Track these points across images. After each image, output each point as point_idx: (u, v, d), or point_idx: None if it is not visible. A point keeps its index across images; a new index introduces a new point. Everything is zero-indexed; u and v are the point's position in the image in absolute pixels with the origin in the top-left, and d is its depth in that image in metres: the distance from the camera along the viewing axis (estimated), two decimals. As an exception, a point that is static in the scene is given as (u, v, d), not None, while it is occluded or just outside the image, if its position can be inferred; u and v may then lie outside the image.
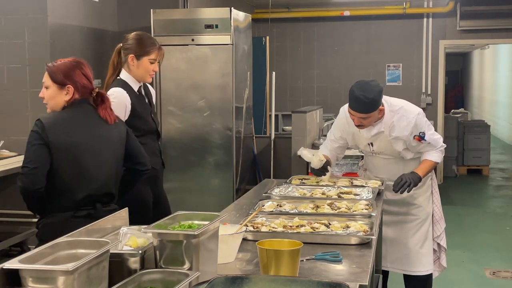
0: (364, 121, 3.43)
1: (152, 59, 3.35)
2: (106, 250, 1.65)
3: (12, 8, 5.29)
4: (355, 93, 3.35)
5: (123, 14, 6.38)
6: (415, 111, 3.55)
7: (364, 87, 3.37)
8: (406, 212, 3.75)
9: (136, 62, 3.33)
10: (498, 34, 8.97)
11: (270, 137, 6.92)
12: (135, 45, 3.34)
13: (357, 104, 3.37)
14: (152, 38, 3.43)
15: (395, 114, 3.50)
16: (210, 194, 5.79)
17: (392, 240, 3.77)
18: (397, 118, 3.50)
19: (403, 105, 3.56)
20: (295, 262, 1.97)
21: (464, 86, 21.29)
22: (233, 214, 2.98)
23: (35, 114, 5.32)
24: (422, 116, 3.56)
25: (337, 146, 3.80)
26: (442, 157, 3.69)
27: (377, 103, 3.37)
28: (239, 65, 5.88)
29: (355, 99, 3.36)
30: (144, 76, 3.38)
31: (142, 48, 3.33)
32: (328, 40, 9.40)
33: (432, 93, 9.14)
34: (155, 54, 3.36)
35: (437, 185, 3.87)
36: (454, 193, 8.57)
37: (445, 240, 3.88)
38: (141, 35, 3.40)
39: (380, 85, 3.42)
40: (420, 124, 3.53)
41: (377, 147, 3.64)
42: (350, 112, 3.45)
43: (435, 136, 3.62)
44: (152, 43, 3.38)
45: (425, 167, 3.61)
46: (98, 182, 2.71)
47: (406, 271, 3.80)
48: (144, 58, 3.33)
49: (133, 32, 3.44)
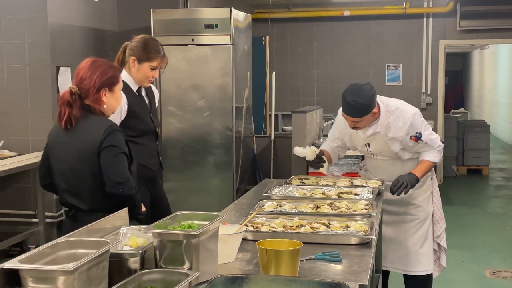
0: (358, 124, 3.45)
1: (153, 66, 3.31)
2: (106, 250, 1.65)
3: (12, 8, 5.29)
4: (347, 98, 3.36)
5: (123, 14, 6.38)
6: (411, 112, 3.54)
7: (356, 91, 3.36)
8: (405, 212, 3.75)
9: (136, 65, 3.30)
10: (498, 34, 8.97)
11: (270, 137, 6.92)
12: (139, 48, 3.31)
13: (349, 109, 3.38)
14: (158, 45, 3.36)
15: (391, 114, 3.50)
16: (210, 194, 5.79)
17: (391, 239, 3.77)
18: (393, 119, 3.50)
19: (399, 105, 3.56)
20: (295, 262, 1.97)
21: (464, 86, 21.29)
22: (233, 214, 2.98)
23: (35, 114, 5.33)
24: (418, 116, 3.56)
25: (336, 145, 3.83)
26: (441, 157, 3.68)
27: (368, 108, 3.37)
28: (239, 65, 5.88)
29: (347, 104, 3.37)
30: (142, 81, 3.35)
31: (145, 53, 3.30)
32: (328, 40, 9.40)
33: (432, 93, 9.14)
34: (157, 62, 3.32)
35: (437, 185, 3.87)
36: (454, 193, 8.57)
37: (445, 240, 3.88)
38: (148, 39, 3.36)
39: (373, 89, 3.40)
40: (416, 124, 3.53)
41: (374, 148, 3.64)
42: (344, 115, 3.47)
43: (432, 136, 3.61)
44: (156, 50, 3.33)
45: (422, 168, 3.61)
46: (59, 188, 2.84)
47: (405, 271, 3.80)
48: (145, 63, 3.30)
49: (141, 35, 3.40)
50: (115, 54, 3.46)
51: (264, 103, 7.56)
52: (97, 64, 2.76)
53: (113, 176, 2.67)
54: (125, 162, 2.73)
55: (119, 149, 2.70)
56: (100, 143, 2.67)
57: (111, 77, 2.77)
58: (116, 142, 2.70)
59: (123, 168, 2.70)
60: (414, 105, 3.71)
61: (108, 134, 2.69)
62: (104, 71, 2.75)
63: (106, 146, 2.67)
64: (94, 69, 2.73)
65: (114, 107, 2.85)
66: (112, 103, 2.81)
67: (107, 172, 2.67)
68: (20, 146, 5.32)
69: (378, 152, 3.68)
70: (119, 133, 2.74)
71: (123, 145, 2.73)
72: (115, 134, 2.71)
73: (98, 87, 2.72)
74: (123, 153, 2.72)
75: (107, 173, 2.67)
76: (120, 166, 2.69)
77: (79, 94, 2.71)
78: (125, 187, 2.67)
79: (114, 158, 2.68)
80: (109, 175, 2.67)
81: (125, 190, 2.68)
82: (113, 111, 2.87)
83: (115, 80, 2.79)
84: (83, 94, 2.72)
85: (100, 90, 2.73)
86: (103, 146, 2.67)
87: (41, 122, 5.30)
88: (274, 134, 6.95)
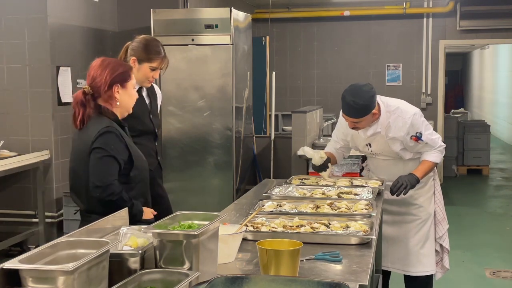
0: (357, 124, 3.46)
1: (153, 67, 3.31)
2: (106, 250, 1.65)
3: (12, 8, 5.29)
4: (346, 99, 3.36)
5: (123, 14, 6.38)
6: (411, 111, 3.54)
7: (356, 92, 3.36)
8: (406, 212, 3.74)
9: (137, 65, 3.30)
10: (498, 34, 8.97)
11: (270, 137, 6.92)
12: (140, 49, 3.31)
13: (348, 110, 3.38)
14: (159, 46, 3.36)
15: (391, 114, 3.50)
16: (210, 194, 5.79)
17: (392, 239, 3.77)
18: (393, 119, 3.50)
19: (400, 105, 3.55)
20: (295, 262, 1.97)
21: (464, 86, 21.29)
22: (233, 214, 2.98)
23: (35, 114, 5.33)
24: (419, 116, 3.55)
25: (340, 146, 3.84)
26: (442, 157, 3.68)
27: (368, 108, 3.37)
28: (239, 65, 5.88)
29: (346, 104, 3.38)
30: (142, 81, 3.35)
31: (145, 54, 3.30)
32: (328, 40, 9.40)
33: (432, 93, 9.14)
34: (158, 63, 3.32)
35: (439, 186, 3.87)
36: (454, 193, 8.57)
37: (448, 242, 3.87)
38: (149, 40, 3.36)
39: (373, 90, 3.40)
40: (417, 124, 3.53)
41: (375, 148, 3.64)
42: (343, 115, 3.48)
43: (433, 136, 3.61)
44: (157, 51, 3.33)
45: (423, 168, 3.61)
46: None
47: (406, 271, 3.79)
48: (145, 64, 3.30)
49: (143, 35, 3.40)
50: (115, 54, 3.46)
51: (264, 103, 7.56)
52: (107, 62, 2.77)
53: (93, 179, 2.65)
54: (111, 166, 2.67)
55: (106, 152, 2.66)
56: (91, 144, 2.67)
57: (122, 73, 2.76)
58: (104, 145, 2.65)
59: (105, 172, 2.66)
60: (414, 105, 3.70)
61: (99, 135, 2.66)
62: (114, 68, 2.75)
63: (94, 148, 2.66)
64: (105, 67, 2.73)
65: (129, 105, 2.83)
66: (126, 100, 2.79)
67: (90, 174, 2.66)
68: (20, 146, 5.31)
69: (379, 152, 3.67)
70: (112, 135, 2.69)
71: (112, 148, 2.67)
72: (106, 136, 2.66)
73: (110, 83, 2.71)
74: (110, 156, 2.66)
75: (90, 175, 2.66)
76: (102, 170, 2.65)
77: (92, 93, 2.72)
78: (104, 192, 2.64)
79: (98, 161, 2.65)
80: (91, 178, 2.66)
81: (103, 194, 2.64)
82: (128, 110, 2.85)
83: (126, 76, 2.78)
84: (96, 93, 2.72)
85: (112, 86, 2.72)
86: (92, 148, 2.67)
87: (41, 122, 5.30)
88: (274, 134, 6.95)
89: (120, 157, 2.69)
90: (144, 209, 2.80)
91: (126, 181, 2.74)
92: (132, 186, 2.78)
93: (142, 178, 2.85)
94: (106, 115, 2.74)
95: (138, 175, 2.80)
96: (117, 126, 2.75)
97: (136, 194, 2.79)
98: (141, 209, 2.76)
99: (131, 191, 2.75)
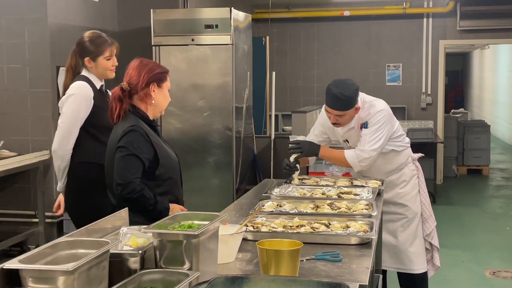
0: (340, 119, 3.49)
1: (107, 56, 3.37)
2: (106, 250, 1.65)
3: (12, 8, 5.30)
4: (332, 91, 3.42)
5: (123, 14, 6.38)
6: (379, 107, 3.54)
7: (341, 85, 3.44)
8: (392, 211, 3.76)
9: (93, 63, 3.36)
10: (498, 34, 8.97)
11: (270, 137, 6.92)
12: (87, 48, 3.36)
13: (334, 102, 3.44)
14: (101, 36, 3.42)
15: (364, 109, 3.55)
16: (210, 194, 5.79)
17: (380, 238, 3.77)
18: (364, 113, 3.55)
19: (373, 101, 3.58)
20: (295, 262, 1.97)
21: (464, 86, 21.29)
22: (233, 214, 2.98)
23: (35, 114, 5.33)
24: (383, 116, 3.51)
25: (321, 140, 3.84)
26: (357, 164, 3.52)
27: (353, 101, 3.44)
28: (239, 65, 5.88)
29: (332, 96, 3.43)
30: (105, 73, 3.41)
31: (95, 49, 3.35)
32: (328, 40, 9.40)
33: (432, 93, 9.13)
34: (109, 51, 3.38)
35: (425, 184, 3.87)
36: (454, 193, 8.57)
37: (437, 239, 3.87)
38: (90, 36, 3.41)
39: (356, 84, 3.49)
40: (375, 119, 3.51)
41: (352, 143, 3.68)
42: (327, 110, 3.51)
43: (372, 137, 3.50)
44: (102, 41, 3.39)
45: (331, 151, 3.64)
46: None
47: (398, 268, 3.81)
48: (100, 58, 3.36)
49: (80, 37, 3.44)
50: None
51: (264, 103, 7.56)
52: (145, 62, 2.87)
53: (116, 177, 2.73)
54: (133, 164, 2.73)
55: (128, 151, 2.72)
56: (117, 142, 2.75)
57: (159, 73, 2.85)
58: (127, 144, 2.72)
59: (126, 170, 2.71)
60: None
61: (124, 134, 2.74)
62: (152, 68, 2.84)
63: (118, 147, 2.74)
64: (143, 67, 2.82)
65: (163, 105, 2.90)
66: (161, 100, 2.87)
67: (114, 172, 2.74)
68: (20, 146, 5.32)
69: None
70: (137, 134, 2.75)
71: (135, 147, 2.73)
72: (130, 135, 2.73)
73: (147, 82, 2.80)
74: (133, 155, 2.72)
75: (114, 173, 2.74)
76: (124, 168, 2.72)
77: (129, 90, 2.80)
78: (124, 189, 2.69)
79: (120, 159, 2.73)
80: (114, 175, 2.74)
81: (123, 192, 2.69)
82: (161, 111, 2.92)
83: (163, 77, 2.86)
84: (133, 90, 2.80)
85: (149, 84, 2.81)
86: (117, 146, 2.75)
87: (41, 122, 5.31)
88: (274, 134, 6.94)
89: (144, 156, 2.75)
90: (173, 206, 2.83)
91: (153, 179, 2.80)
92: (159, 183, 2.83)
93: (171, 176, 2.89)
94: (137, 114, 2.81)
95: (165, 173, 2.85)
96: (144, 125, 2.80)
97: (163, 191, 2.84)
98: (167, 206, 2.79)
99: (157, 188, 2.80)
